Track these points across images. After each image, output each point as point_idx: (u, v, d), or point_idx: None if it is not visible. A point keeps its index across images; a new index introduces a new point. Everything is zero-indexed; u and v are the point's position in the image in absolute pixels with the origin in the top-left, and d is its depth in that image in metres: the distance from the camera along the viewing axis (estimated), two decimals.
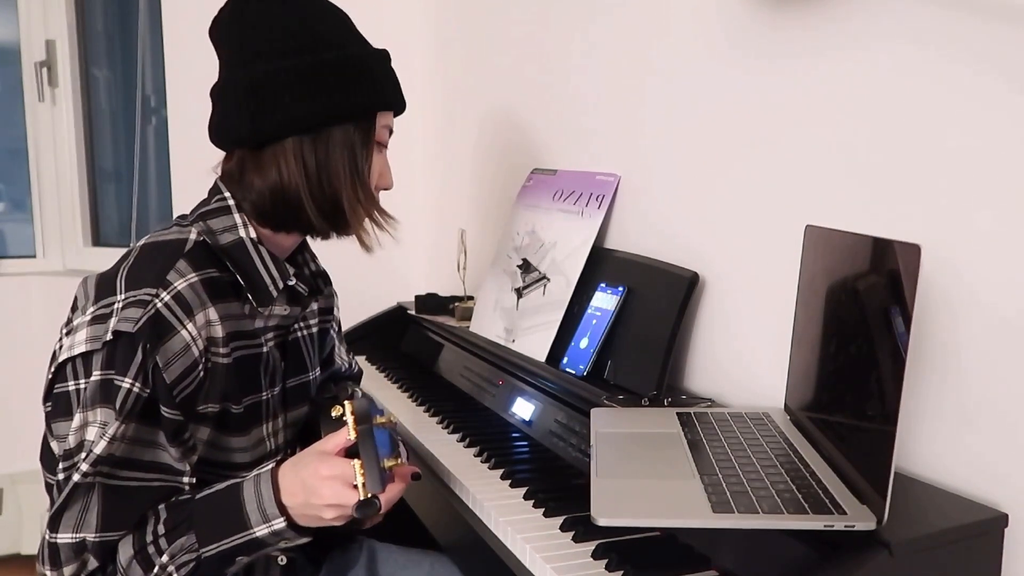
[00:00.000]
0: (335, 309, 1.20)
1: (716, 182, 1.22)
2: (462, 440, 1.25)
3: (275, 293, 0.95)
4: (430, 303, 1.84)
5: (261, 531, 0.83)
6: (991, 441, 0.85)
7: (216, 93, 0.95)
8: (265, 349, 0.97)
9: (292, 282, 0.97)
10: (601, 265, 1.37)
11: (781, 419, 1.01)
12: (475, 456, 1.18)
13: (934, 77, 0.90)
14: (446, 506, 1.10)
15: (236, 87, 0.92)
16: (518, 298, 1.51)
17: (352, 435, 0.82)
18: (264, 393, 0.98)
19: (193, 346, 0.85)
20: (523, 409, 1.31)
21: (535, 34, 1.71)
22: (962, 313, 0.87)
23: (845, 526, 0.71)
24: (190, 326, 0.85)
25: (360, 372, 1.32)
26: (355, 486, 0.80)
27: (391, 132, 1.01)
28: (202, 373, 0.87)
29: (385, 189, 1.01)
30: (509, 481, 1.08)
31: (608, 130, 1.48)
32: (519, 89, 1.79)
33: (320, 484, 0.82)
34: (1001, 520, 0.81)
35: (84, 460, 0.81)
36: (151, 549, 0.83)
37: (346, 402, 0.83)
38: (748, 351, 1.16)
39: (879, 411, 0.72)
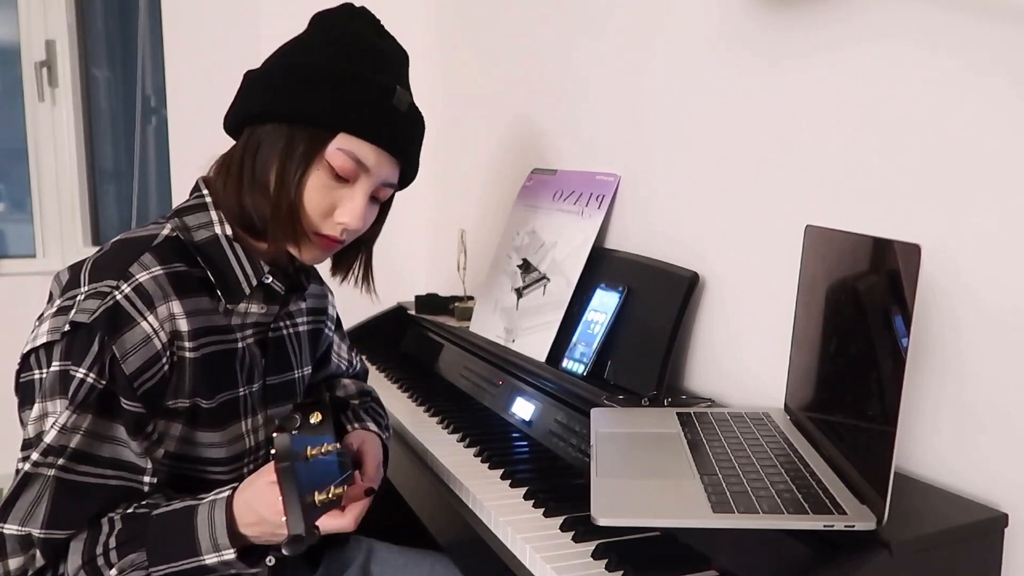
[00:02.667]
0: (330, 308, 1.18)
1: (716, 182, 1.22)
2: (462, 440, 1.25)
3: (247, 290, 0.93)
4: (430, 303, 1.85)
5: (211, 559, 0.82)
6: (991, 441, 0.85)
7: None
8: (240, 345, 0.95)
9: (268, 280, 0.95)
10: (601, 265, 1.37)
11: (781, 419, 1.01)
12: (475, 456, 1.18)
13: (934, 77, 0.90)
14: (446, 506, 1.10)
15: (244, 81, 0.96)
16: (518, 298, 1.50)
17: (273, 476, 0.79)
18: (241, 389, 0.96)
19: (155, 338, 0.84)
20: (523, 409, 1.31)
21: (536, 34, 1.71)
22: (962, 313, 0.87)
23: (845, 526, 0.71)
24: (151, 318, 0.84)
25: (365, 370, 1.30)
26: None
27: (364, 167, 0.91)
28: (167, 367, 0.86)
29: (345, 227, 0.92)
30: (509, 481, 1.08)
31: (608, 130, 1.48)
32: (519, 89, 1.79)
33: (271, 515, 0.80)
34: (1001, 520, 0.81)
35: (35, 450, 0.81)
36: (100, 560, 0.82)
37: (274, 434, 0.80)
38: (748, 351, 1.16)
39: (879, 411, 0.72)
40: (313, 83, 0.89)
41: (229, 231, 0.93)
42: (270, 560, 0.93)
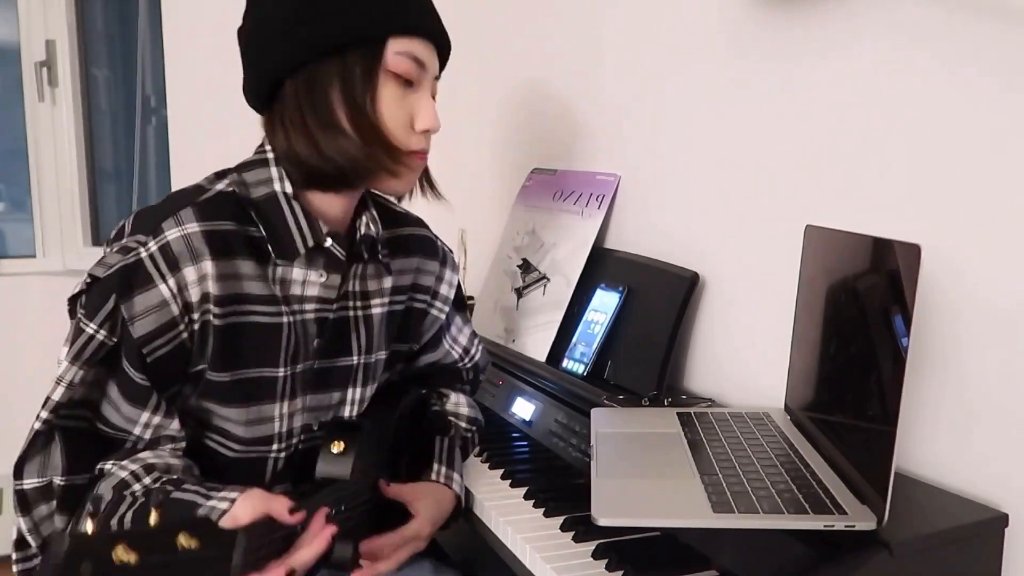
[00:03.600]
0: (442, 285, 1.08)
1: (716, 182, 1.22)
2: None
3: (302, 250, 0.87)
4: None
5: None
6: (991, 441, 0.85)
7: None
8: (287, 320, 0.88)
9: (327, 243, 0.88)
10: (601, 265, 1.37)
11: (781, 419, 1.01)
12: (475, 456, 1.18)
13: (935, 77, 0.90)
14: None
15: (241, 44, 0.89)
16: (518, 298, 1.50)
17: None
18: (281, 369, 0.88)
19: (173, 303, 0.80)
20: (523, 409, 1.31)
21: (535, 34, 1.71)
22: (962, 313, 0.87)
23: (845, 526, 0.71)
24: (171, 281, 0.80)
25: (484, 363, 1.19)
26: None
27: (422, 64, 0.87)
28: (185, 334, 0.82)
29: (428, 131, 0.89)
30: (509, 481, 1.08)
31: (608, 130, 1.48)
32: (519, 89, 1.79)
33: None
34: (1001, 520, 0.81)
35: (43, 407, 0.80)
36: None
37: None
38: (748, 351, 1.16)
39: (879, 411, 0.72)
40: (323, 11, 0.83)
41: (289, 188, 0.87)
42: None
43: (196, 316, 0.82)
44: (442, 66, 0.95)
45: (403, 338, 1.06)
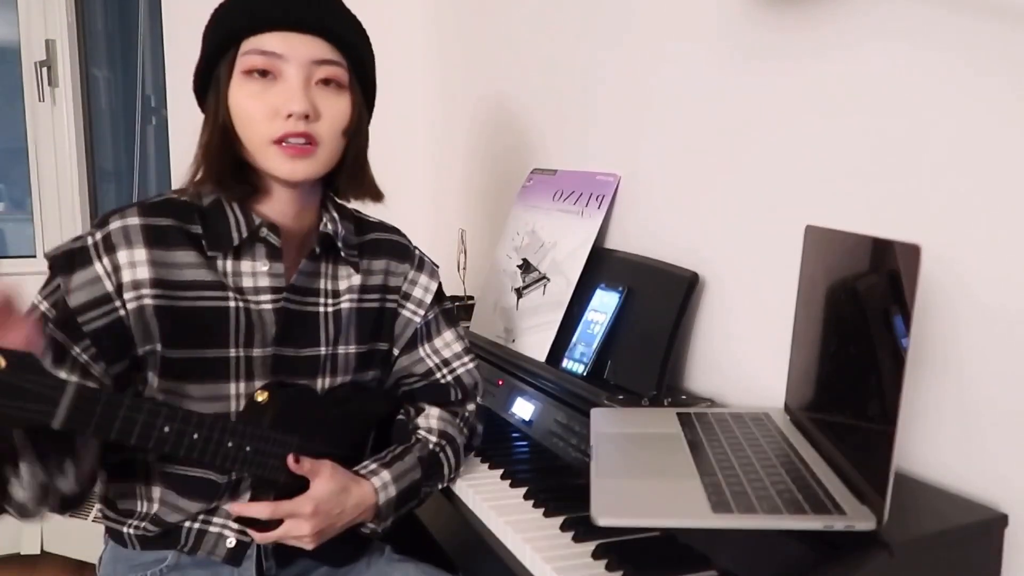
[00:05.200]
0: (414, 288, 1.10)
1: (716, 182, 1.22)
2: None
3: (236, 240, 0.95)
4: None
5: None
6: (991, 441, 0.85)
7: None
8: (234, 304, 0.95)
9: (263, 232, 0.96)
10: (601, 265, 1.37)
11: (781, 419, 1.01)
12: (475, 456, 1.18)
13: (934, 77, 0.90)
14: (445, 506, 1.10)
15: None
16: (518, 298, 1.50)
17: None
18: (232, 350, 0.95)
19: (107, 280, 0.91)
20: (523, 409, 1.31)
21: (535, 34, 1.71)
22: (962, 313, 0.87)
23: (845, 526, 0.71)
24: (106, 261, 0.91)
25: (471, 383, 1.14)
26: None
27: (275, 54, 0.92)
28: (121, 311, 0.91)
29: (292, 115, 0.92)
30: (509, 481, 1.08)
31: (608, 130, 1.48)
32: (519, 89, 1.79)
33: None
34: (1001, 520, 0.81)
35: None
36: None
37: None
38: (748, 351, 1.16)
39: (879, 411, 0.72)
40: (208, 28, 0.96)
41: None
42: (230, 542, 0.96)
43: (130, 297, 0.91)
44: (354, 55, 0.97)
45: (381, 337, 1.09)
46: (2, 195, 2.61)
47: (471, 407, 1.15)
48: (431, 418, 1.09)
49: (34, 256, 2.47)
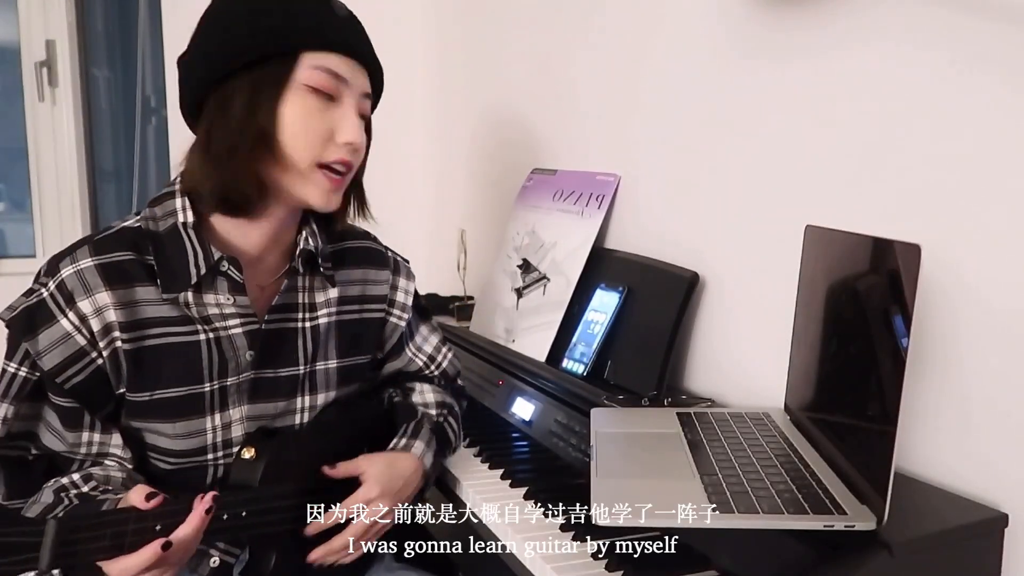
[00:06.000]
0: (397, 293, 1.09)
1: (716, 182, 1.22)
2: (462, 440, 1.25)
3: (194, 278, 0.88)
4: (430, 303, 1.84)
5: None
6: (991, 441, 0.85)
7: None
8: (204, 337, 0.90)
9: (224, 267, 0.89)
10: (601, 265, 1.37)
11: (781, 419, 1.01)
12: (475, 456, 1.18)
13: (935, 77, 0.90)
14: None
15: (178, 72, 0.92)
16: (518, 298, 1.50)
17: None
18: (206, 385, 0.90)
19: (78, 334, 0.85)
20: (523, 409, 1.31)
21: (535, 34, 1.71)
22: (962, 313, 0.87)
23: (845, 526, 0.71)
24: (71, 315, 0.84)
25: (454, 372, 1.18)
26: None
27: (342, 79, 0.88)
28: (100, 360, 0.86)
29: (350, 144, 0.89)
30: (509, 481, 1.08)
31: (608, 130, 1.48)
32: (519, 89, 1.79)
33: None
34: (1001, 520, 0.81)
35: None
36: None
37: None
38: (748, 351, 1.16)
39: (879, 411, 0.72)
40: (254, 15, 0.86)
41: (191, 218, 0.89)
42: (214, 562, 0.93)
43: (104, 344, 0.86)
44: (377, 91, 0.96)
45: (361, 348, 1.05)
46: (2, 195, 2.61)
47: (457, 384, 1.20)
48: (425, 393, 1.13)
49: (34, 256, 2.47)
